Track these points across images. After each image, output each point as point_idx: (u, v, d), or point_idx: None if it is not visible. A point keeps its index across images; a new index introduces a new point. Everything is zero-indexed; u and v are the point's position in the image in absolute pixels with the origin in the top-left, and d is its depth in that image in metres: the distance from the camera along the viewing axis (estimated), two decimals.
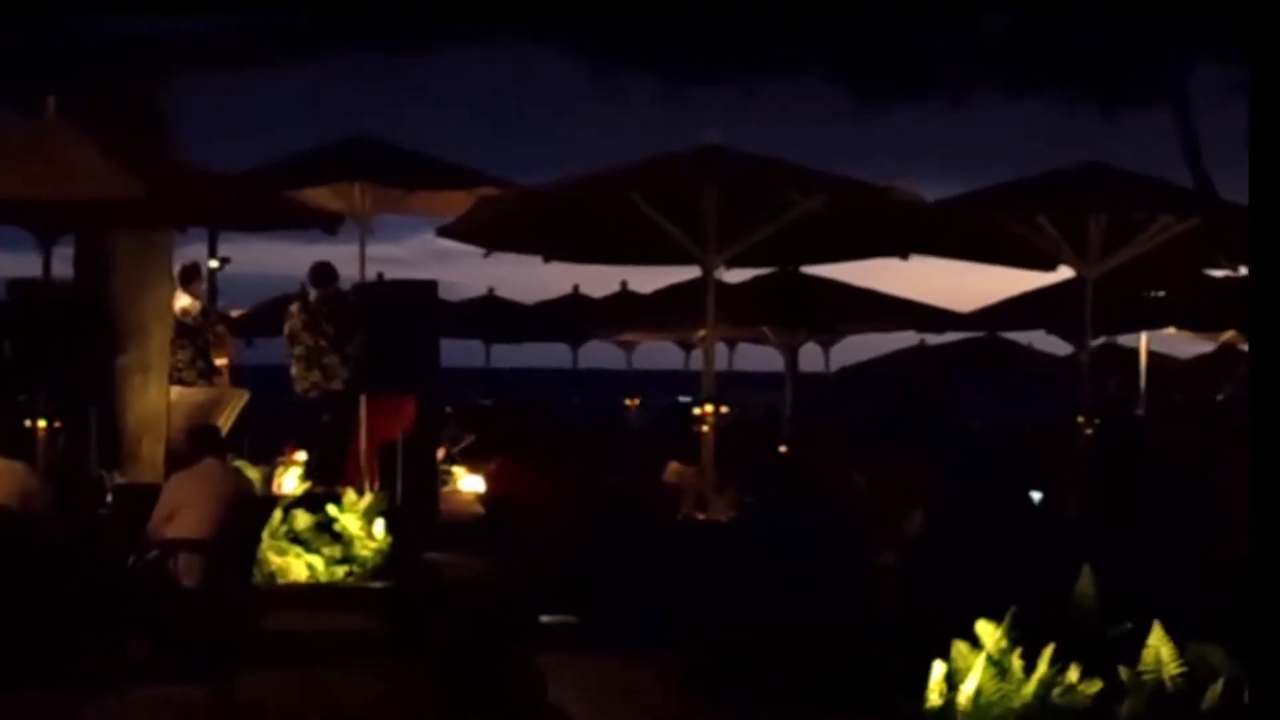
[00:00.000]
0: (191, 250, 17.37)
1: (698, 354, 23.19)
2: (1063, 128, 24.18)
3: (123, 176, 11.65)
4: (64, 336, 14.15)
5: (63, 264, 14.66)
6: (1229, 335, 25.03)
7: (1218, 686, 7.38)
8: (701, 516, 14.01)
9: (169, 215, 13.32)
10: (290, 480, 15.41)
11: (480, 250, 17.44)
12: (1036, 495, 14.19)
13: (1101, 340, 22.30)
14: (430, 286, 15.58)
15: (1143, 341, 23.24)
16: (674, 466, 15.37)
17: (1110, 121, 23.47)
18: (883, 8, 18.57)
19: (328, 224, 13.99)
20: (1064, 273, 16.58)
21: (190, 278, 16.49)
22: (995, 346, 26.31)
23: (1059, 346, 24.56)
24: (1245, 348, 25.68)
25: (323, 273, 16.91)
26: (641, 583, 11.13)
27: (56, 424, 13.57)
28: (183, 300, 15.99)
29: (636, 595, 10.94)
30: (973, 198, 15.20)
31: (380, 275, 18.28)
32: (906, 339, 26.65)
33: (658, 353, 29.16)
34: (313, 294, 16.83)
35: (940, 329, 23.88)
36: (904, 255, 16.93)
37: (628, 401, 25.97)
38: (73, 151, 11.78)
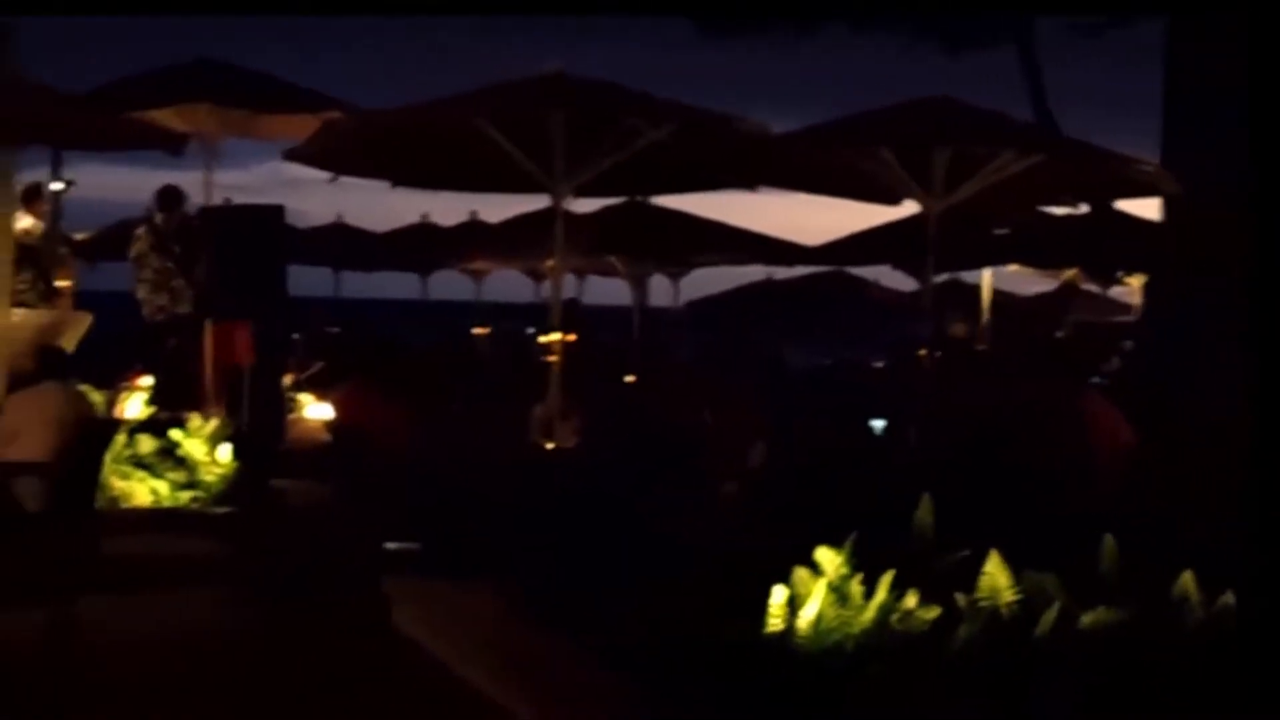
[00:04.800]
0: (35, 173, 17.07)
1: (548, 285, 23.19)
2: (909, 65, 24.40)
3: None
4: None
5: None
6: (1070, 273, 25.42)
7: (1051, 614, 7.55)
8: (549, 445, 14.07)
9: (9, 131, 13.07)
10: (134, 405, 15.26)
11: (327, 175, 17.31)
12: (879, 424, 14.39)
13: (945, 276, 22.55)
14: (277, 211, 15.41)
15: (986, 278, 23.51)
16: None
17: (956, 59, 23.72)
18: None
19: (173, 145, 13.79)
20: (909, 208, 16.75)
21: (32, 198, 16.22)
22: (842, 281, 26.51)
23: (904, 282, 24.83)
24: (1086, 286, 26.17)
25: (169, 196, 16.72)
26: (487, 509, 11.17)
27: None
28: (24, 221, 15.73)
29: (482, 522, 10.98)
30: (818, 130, 15.30)
31: (227, 200, 18.11)
32: (755, 273, 26.82)
33: (508, 283, 29.14)
34: (159, 217, 16.65)
35: (788, 263, 24.02)
36: (751, 187, 17.05)
37: (477, 330, 25.91)
38: None
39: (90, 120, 14.04)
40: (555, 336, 15.26)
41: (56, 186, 17.14)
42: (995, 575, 7.70)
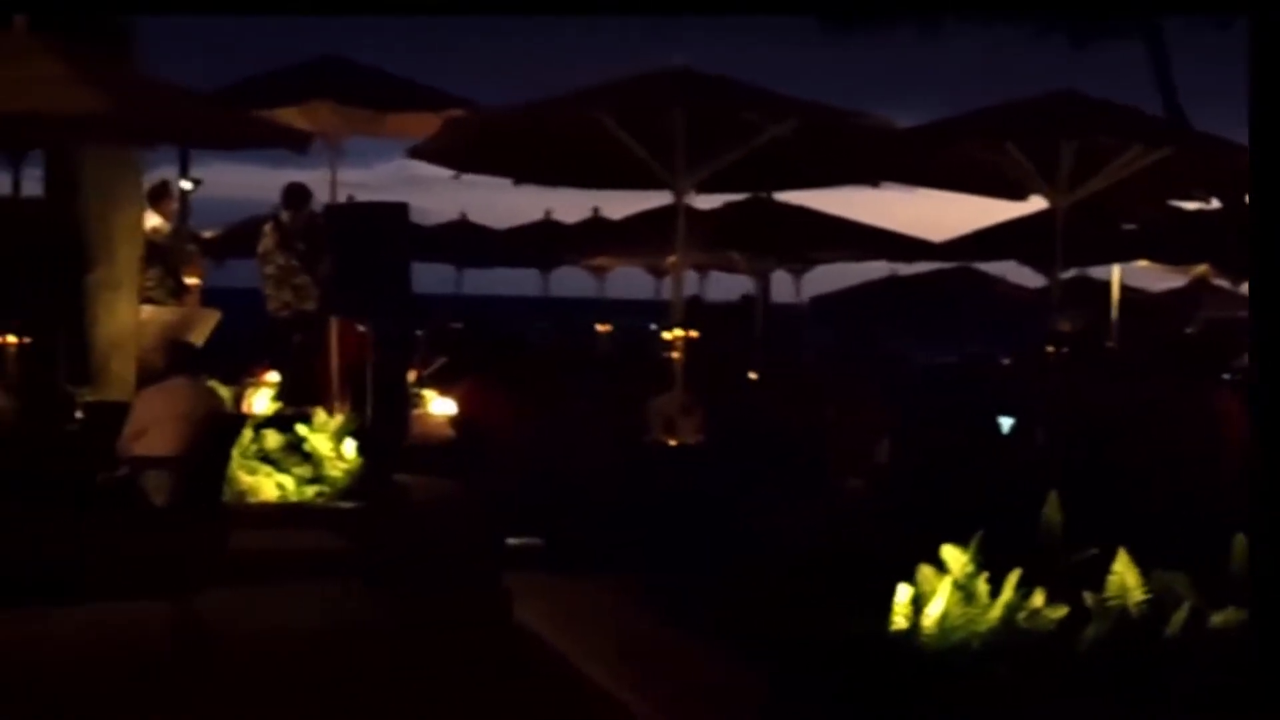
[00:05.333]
0: (163, 171, 17.27)
1: (669, 281, 23.15)
2: (1034, 58, 24.16)
3: (90, 90, 11.55)
4: (33, 254, 14.05)
5: (33, 185, 14.64)
6: (1201, 269, 25.05)
7: (1181, 614, 7.43)
8: (671, 441, 14.04)
9: (138, 130, 13.21)
10: (261, 400, 15.38)
11: (450, 173, 17.40)
12: (1007, 422, 14.22)
13: (1073, 272, 22.30)
14: (401, 209, 15.47)
15: (1115, 274, 23.22)
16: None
17: (1081, 52, 23.43)
18: None
19: (298, 142, 13.89)
20: (1036, 203, 16.57)
21: (160, 196, 16.41)
22: (968, 277, 26.27)
23: (1032, 278, 24.58)
24: (1217, 282, 25.78)
25: (295, 194, 16.87)
26: (608, 505, 11.17)
27: (25, 341, 13.53)
28: (153, 219, 15.91)
29: (603, 518, 10.98)
30: (942, 125, 15.17)
31: (351, 198, 18.22)
32: (878, 269, 26.64)
33: (629, 279, 29.12)
34: (285, 215, 16.79)
35: (912, 259, 23.83)
36: (875, 183, 16.94)
37: (599, 327, 25.95)
38: (39, 65, 11.66)
39: (217, 119, 14.15)
40: (677, 333, 15.22)
41: (184, 185, 17.33)
42: (1124, 574, 7.59)
